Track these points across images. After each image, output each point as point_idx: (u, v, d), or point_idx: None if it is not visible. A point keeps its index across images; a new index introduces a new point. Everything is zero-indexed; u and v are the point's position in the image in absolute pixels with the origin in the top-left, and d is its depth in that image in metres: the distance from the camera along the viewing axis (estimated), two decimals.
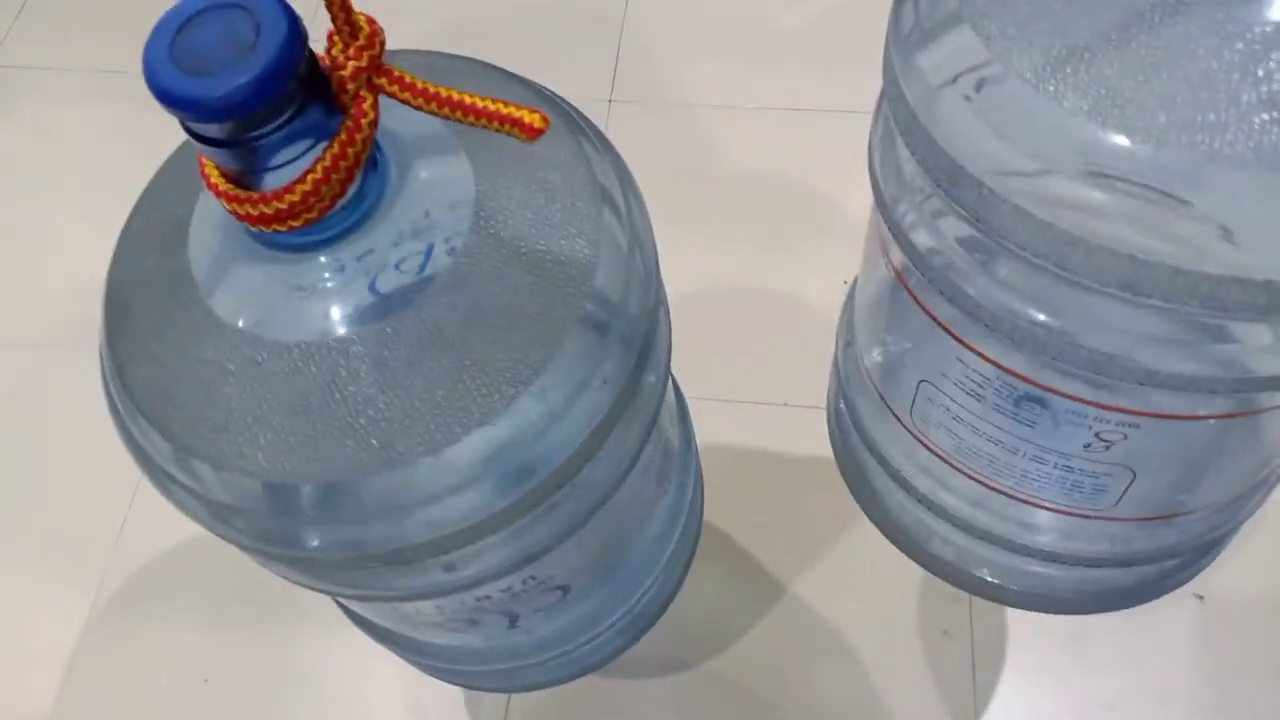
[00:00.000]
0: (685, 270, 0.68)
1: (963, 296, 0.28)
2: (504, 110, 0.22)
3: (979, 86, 0.24)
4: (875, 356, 0.39)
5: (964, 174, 0.25)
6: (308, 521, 0.25)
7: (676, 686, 0.53)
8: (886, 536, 0.46)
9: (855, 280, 0.40)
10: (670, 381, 0.39)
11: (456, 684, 0.53)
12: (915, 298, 0.31)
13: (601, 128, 0.74)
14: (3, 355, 0.66)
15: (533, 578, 0.32)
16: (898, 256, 0.31)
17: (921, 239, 0.29)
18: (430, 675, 0.53)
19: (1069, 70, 0.23)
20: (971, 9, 0.25)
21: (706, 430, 0.61)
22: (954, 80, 0.25)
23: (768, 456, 0.59)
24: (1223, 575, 0.56)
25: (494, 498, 0.25)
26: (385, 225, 0.24)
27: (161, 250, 0.26)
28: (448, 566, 0.28)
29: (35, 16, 0.83)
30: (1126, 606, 0.41)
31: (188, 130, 0.21)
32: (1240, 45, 0.22)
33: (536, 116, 0.22)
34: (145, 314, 0.27)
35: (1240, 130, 0.21)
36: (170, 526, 0.61)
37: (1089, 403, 0.29)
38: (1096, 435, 0.30)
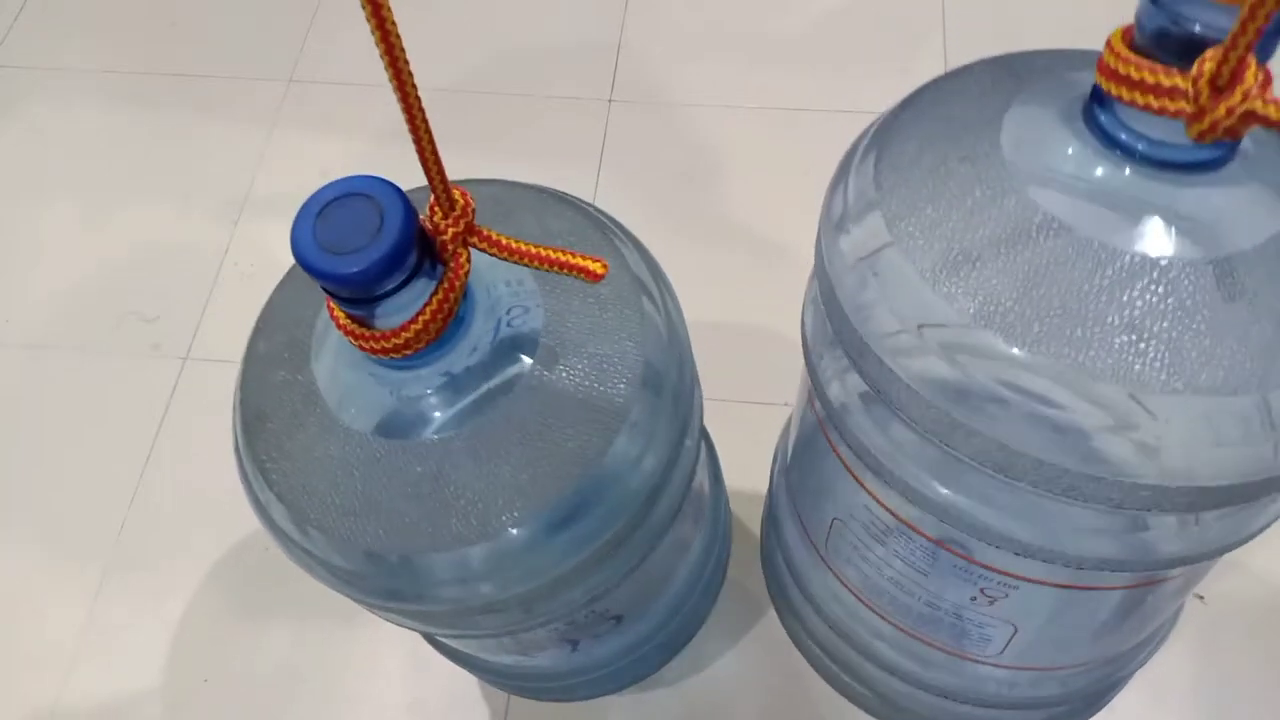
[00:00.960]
0: (685, 270, 0.68)
1: (865, 451, 0.31)
2: (573, 260, 0.28)
3: (881, 270, 0.28)
4: (799, 484, 0.42)
5: (867, 349, 0.28)
6: (419, 584, 0.31)
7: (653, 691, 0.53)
8: (799, 649, 0.50)
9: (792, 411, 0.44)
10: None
11: (524, 696, 0.53)
12: (830, 442, 0.34)
13: (601, 128, 0.74)
14: (1, 355, 0.66)
15: (593, 611, 0.38)
16: (818, 404, 0.34)
17: (835, 393, 0.32)
18: (504, 691, 0.53)
19: (960, 273, 0.26)
20: (884, 200, 0.28)
21: (709, 429, 0.61)
22: (864, 259, 0.28)
23: (761, 455, 0.59)
24: (1223, 575, 0.56)
25: (569, 557, 0.31)
26: (470, 339, 0.30)
27: (288, 365, 0.31)
28: (526, 610, 0.33)
29: (35, 16, 0.83)
30: None
31: (325, 290, 0.26)
32: (1110, 271, 0.25)
33: (599, 265, 0.28)
34: (278, 420, 0.31)
35: (1102, 348, 0.24)
36: (169, 527, 0.61)
37: (973, 561, 0.32)
38: (981, 590, 0.33)
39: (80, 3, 0.84)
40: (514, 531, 0.30)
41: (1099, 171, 0.26)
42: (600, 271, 0.28)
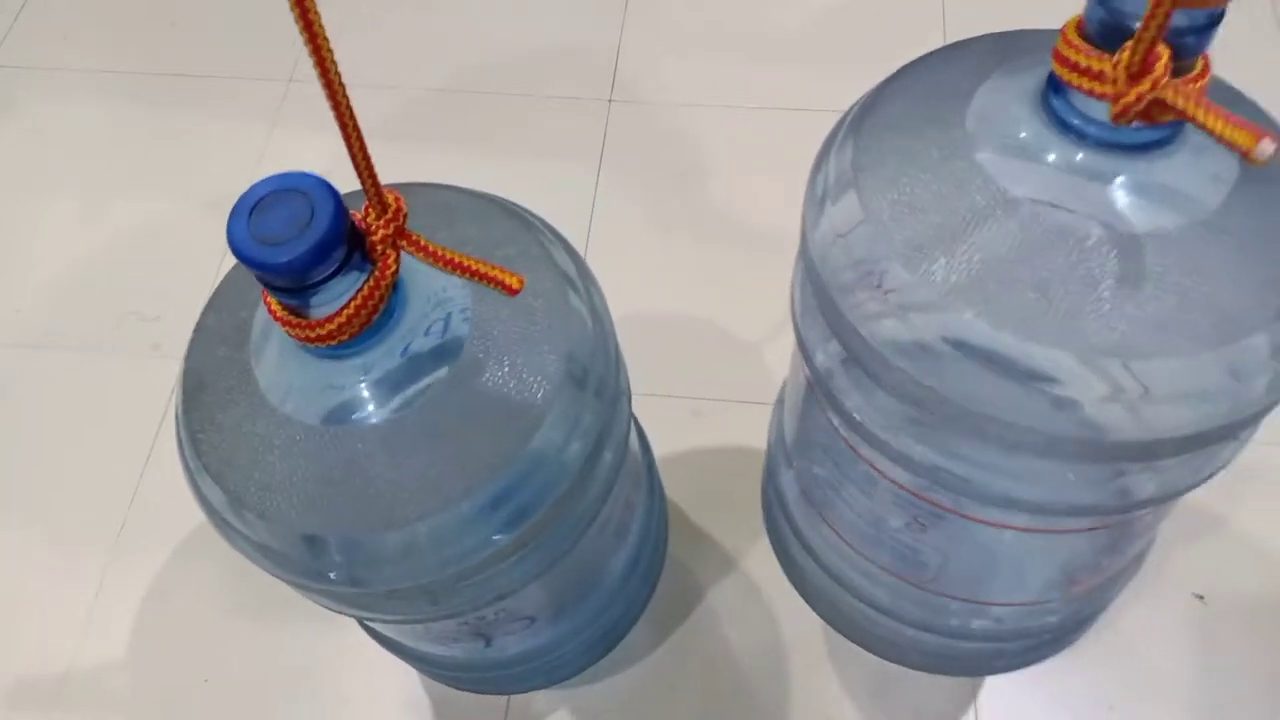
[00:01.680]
0: (684, 268, 0.68)
1: (845, 411, 0.33)
2: (492, 273, 0.30)
3: (852, 243, 0.30)
4: (789, 436, 0.45)
5: (844, 320, 0.30)
6: (327, 564, 0.32)
7: (674, 688, 0.53)
8: (799, 593, 0.52)
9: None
10: (637, 447, 0.46)
11: (450, 686, 0.53)
12: (818, 400, 0.37)
13: (601, 128, 0.74)
14: (1, 354, 0.66)
15: (503, 610, 0.39)
16: (806, 370, 0.37)
17: (820, 360, 0.34)
18: (428, 678, 0.53)
19: (916, 236, 0.28)
20: (860, 177, 0.30)
21: (703, 427, 0.61)
22: (843, 235, 0.30)
23: (760, 454, 0.59)
24: (1223, 575, 0.56)
25: (469, 555, 0.32)
26: (397, 336, 0.31)
27: (230, 344, 0.33)
28: (432, 601, 0.34)
29: (35, 16, 0.83)
30: (965, 674, 0.47)
31: (259, 279, 0.27)
32: (1047, 240, 0.27)
33: (514, 279, 0.30)
34: (214, 393, 0.33)
35: (1056, 313, 0.26)
36: (169, 528, 0.61)
37: (906, 489, 0.35)
38: (914, 517, 0.36)
39: (80, 3, 0.84)
40: (419, 523, 0.31)
41: (1047, 147, 0.28)
42: (516, 286, 0.30)
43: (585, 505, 0.36)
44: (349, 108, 0.27)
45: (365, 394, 0.31)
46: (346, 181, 0.30)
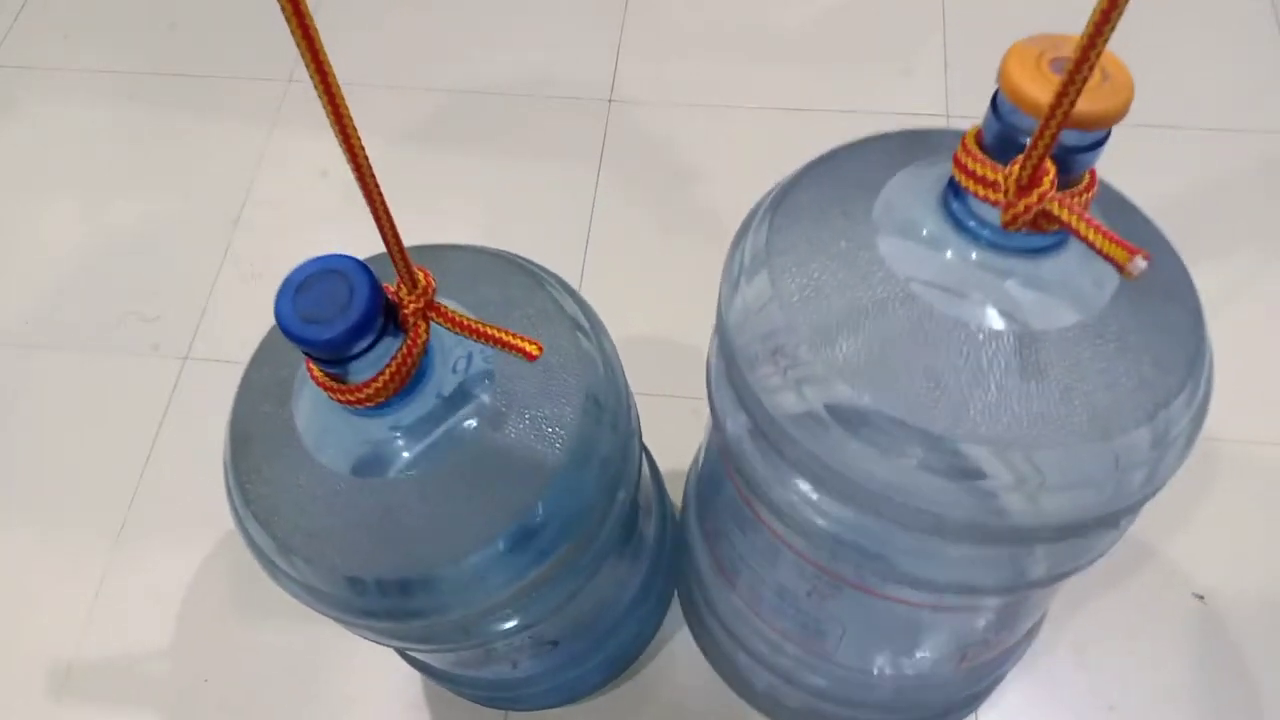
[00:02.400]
0: (683, 268, 0.68)
1: (751, 477, 0.35)
2: (514, 341, 0.32)
3: (762, 320, 0.31)
4: (703, 497, 0.47)
5: (750, 392, 0.32)
6: (367, 604, 0.35)
7: (656, 700, 0.53)
8: (706, 658, 0.53)
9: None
10: (648, 474, 0.48)
11: (473, 702, 0.54)
12: (727, 468, 0.39)
13: (601, 128, 0.74)
14: (1, 354, 0.66)
15: (529, 638, 0.42)
16: (717, 435, 0.39)
17: (729, 426, 0.36)
18: (457, 696, 0.54)
19: (821, 320, 0.30)
20: (773, 262, 0.32)
21: (703, 427, 0.61)
22: (754, 312, 0.32)
23: None
24: (1223, 575, 0.56)
25: (498, 590, 0.35)
26: (427, 391, 0.34)
27: (274, 400, 0.36)
28: (465, 632, 0.38)
29: (35, 16, 0.83)
30: None
31: (304, 352, 0.30)
32: (938, 333, 0.29)
33: (533, 346, 0.32)
34: (260, 445, 0.36)
35: (947, 400, 0.28)
36: (169, 528, 0.61)
37: (809, 560, 0.36)
38: (815, 587, 0.38)
39: (80, 3, 0.84)
40: (451, 564, 0.34)
41: (945, 245, 0.30)
42: (535, 353, 0.32)
43: (605, 537, 0.38)
44: (380, 195, 0.29)
45: (399, 446, 0.34)
46: (343, 180, 0.30)
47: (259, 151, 0.74)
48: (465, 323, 0.32)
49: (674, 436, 0.60)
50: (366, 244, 0.38)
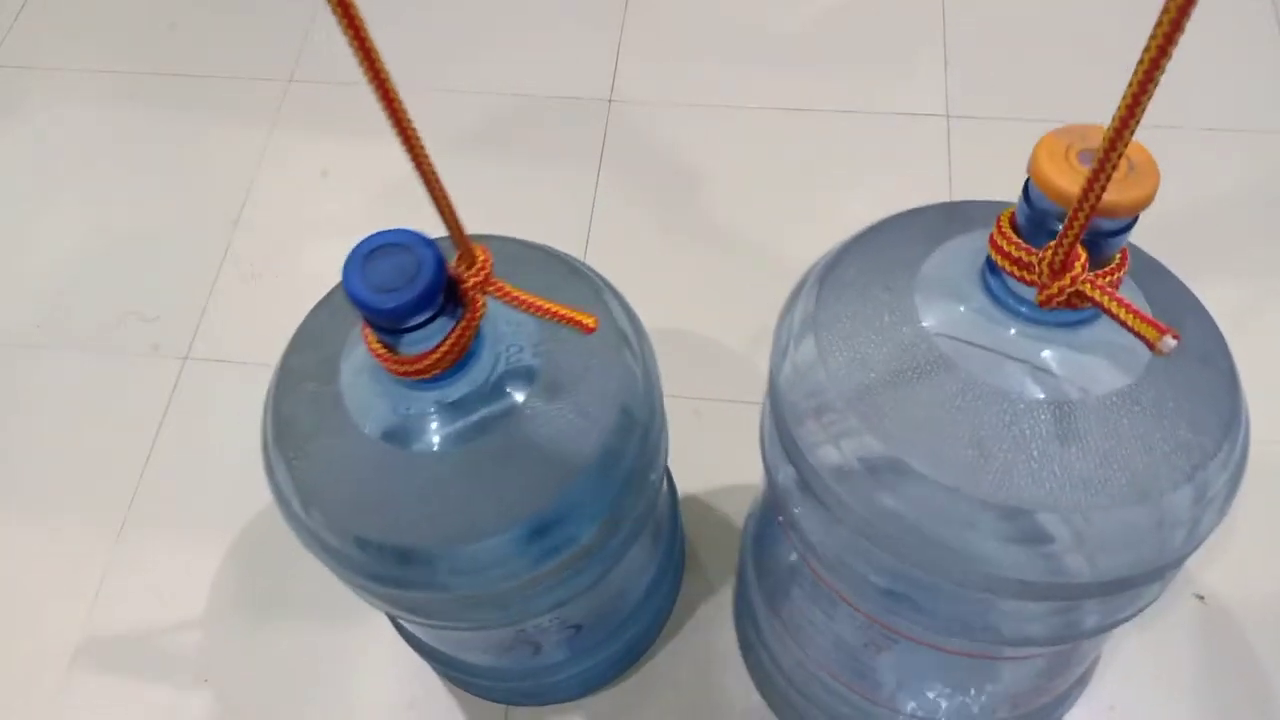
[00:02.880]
0: (683, 268, 0.68)
1: (798, 527, 0.37)
2: (570, 314, 0.33)
3: (808, 383, 0.33)
4: (758, 554, 0.49)
5: (796, 448, 0.34)
6: (371, 564, 0.36)
7: (652, 696, 0.53)
8: (767, 703, 0.53)
9: None
10: (666, 497, 0.49)
11: (491, 700, 0.54)
12: (777, 510, 0.40)
13: (601, 128, 0.74)
14: (1, 354, 0.66)
15: (557, 618, 0.43)
16: (767, 486, 0.41)
17: (780, 478, 0.37)
18: (471, 694, 0.54)
19: (865, 388, 0.32)
20: (820, 333, 0.34)
21: (704, 428, 0.61)
22: (802, 376, 0.34)
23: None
24: (1223, 575, 0.56)
25: (496, 583, 0.36)
26: (477, 370, 0.35)
27: (318, 380, 0.37)
28: (502, 607, 0.39)
29: (35, 16, 0.83)
30: None
31: (366, 319, 0.32)
32: (978, 403, 0.31)
33: (591, 319, 0.33)
34: (305, 424, 0.37)
35: (990, 467, 0.30)
36: (169, 528, 0.61)
37: (862, 613, 0.38)
38: (870, 639, 0.40)
39: (80, 3, 0.84)
40: (459, 544, 0.35)
41: (984, 320, 0.32)
42: (591, 325, 0.33)
43: (613, 545, 0.40)
44: (435, 175, 0.30)
45: (435, 423, 0.35)
46: (343, 180, 0.30)
47: (259, 151, 0.74)
48: (521, 297, 0.34)
49: (674, 437, 0.60)
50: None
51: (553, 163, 0.73)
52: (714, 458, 0.60)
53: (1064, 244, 0.28)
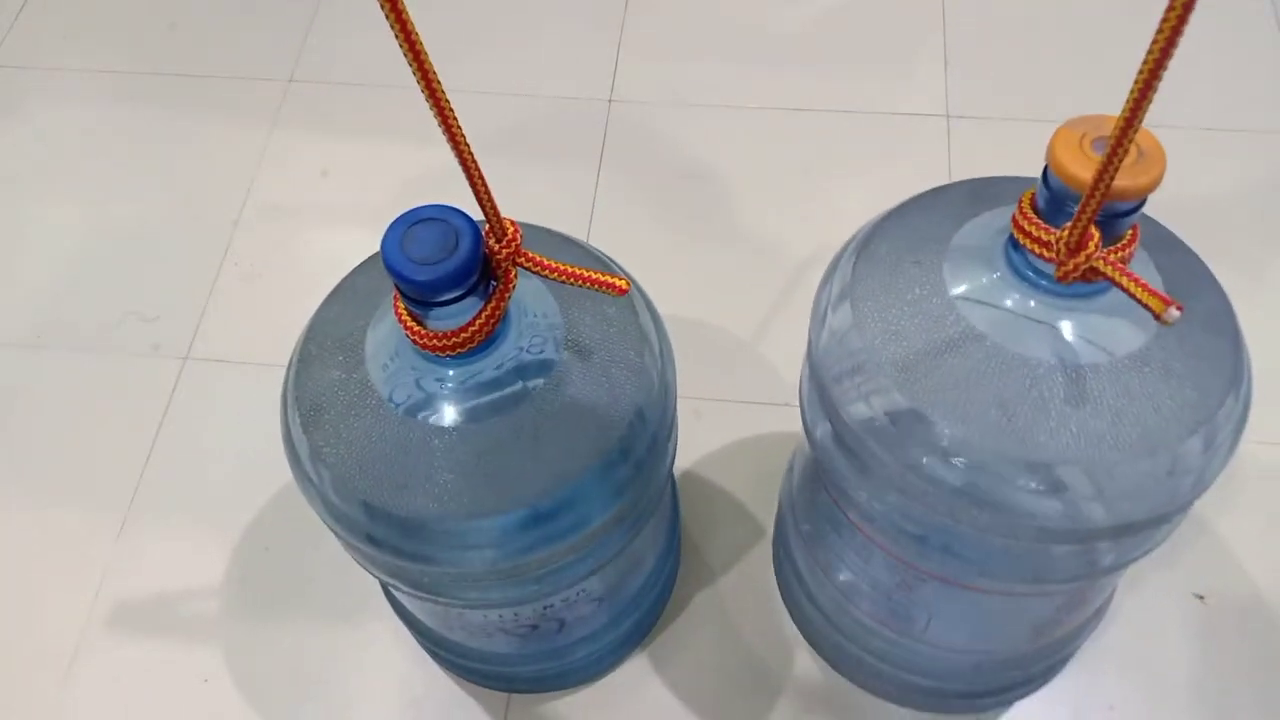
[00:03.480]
0: (684, 268, 0.68)
1: (835, 480, 0.40)
2: (602, 277, 0.35)
3: (846, 347, 0.36)
4: (798, 505, 0.51)
5: (836, 413, 0.37)
6: (374, 530, 0.37)
7: (653, 691, 0.54)
8: (806, 639, 0.55)
9: None
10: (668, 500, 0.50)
11: (498, 689, 0.54)
12: (818, 467, 0.43)
13: (601, 128, 0.74)
14: (1, 354, 0.66)
15: (583, 590, 0.44)
16: (808, 445, 0.43)
17: (819, 435, 0.40)
18: (478, 683, 0.54)
19: (897, 356, 0.35)
20: (856, 305, 0.37)
21: (704, 427, 0.61)
22: (839, 342, 0.37)
23: (761, 454, 0.59)
24: (1223, 575, 0.56)
25: (487, 563, 0.37)
26: (500, 353, 0.36)
27: (343, 366, 0.38)
28: (538, 580, 0.40)
29: (35, 16, 0.83)
30: (943, 711, 0.53)
31: (402, 291, 0.33)
32: (1004, 367, 0.34)
33: (624, 281, 0.35)
34: (335, 410, 0.37)
35: (1014, 426, 0.33)
36: (169, 528, 0.61)
37: (895, 556, 0.41)
38: (903, 580, 0.43)
39: (80, 3, 0.84)
40: (455, 520, 0.36)
41: (1007, 292, 0.34)
42: (625, 287, 0.35)
43: (648, 505, 0.42)
44: (469, 148, 0.31)
45: (453, 400, 0.36)
46: (343, 179, 0.31)
47: (259, 151, 0.74)
48: (552, 265, 0.35)
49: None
50: (365, 245, 0.38)
51: (553, 162, 0.73)
52: (715, 458, 0.60)
53: (1078, 226, 0.30)
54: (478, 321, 0.34)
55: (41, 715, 0.54)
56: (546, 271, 0.35)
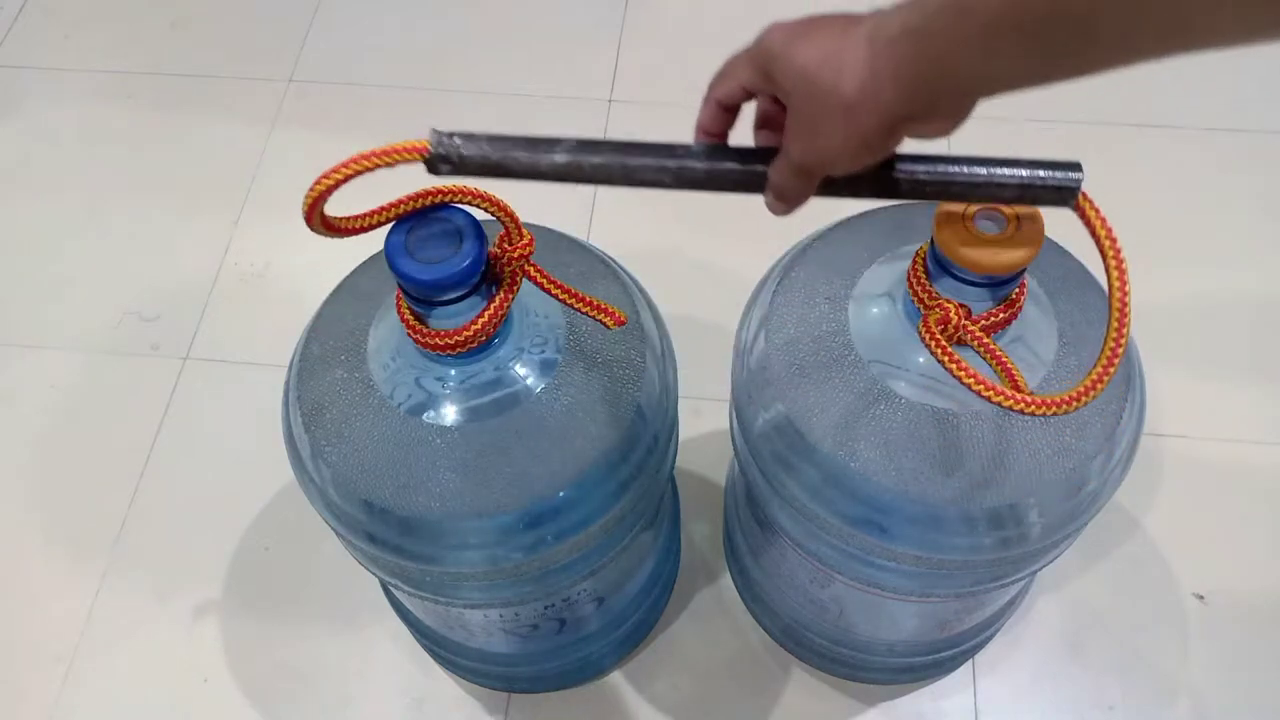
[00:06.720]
0: (684, 267, 0.68)
1: (752, 485, 0.43)
2: (599, 305, 0.36)
3: (762, 384, 0.39)
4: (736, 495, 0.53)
5: (747, 422, 0.40)
6: (373, 527, 0.37)
7: (653, 692, 0.54)
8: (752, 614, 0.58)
9: None
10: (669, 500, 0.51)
11: (498, 689, 0.54)
12: (743, 475, 0.45)
13: (601, 128, 0.74)
14: (1, 354, 0.66)
15: (583, 590, 0.45)
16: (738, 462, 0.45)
17: (741, 456, 0.43)
18: (478, 683, 0.54)
19: (801, 382, 0.38)
20: (769, 336, 0.39)
21: (704, 427, 0.61)
22: (754, 373, 0.40)
23: None
24: (1223, 575, 0.56)
25: (482, 564, 0.37)
26: (506, 349, 0.37)
27: (346, 366, 0.38)
28: (538, 579, 0.40)
29: (35, 16, 0.83)
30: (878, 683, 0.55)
31: (405, 289, 0.33)
32: (884, 405, 0.37)
33: (618, 314, 0.36)
34: (337, 409, 0.37)
35: (915, 479, 0.36)
36: (169, 527, 0.61)
37: (803, 554, 0.43)
38: (814, 578, 0.46)
39: (80, 3, 0.84)
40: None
41: (902, 338, 0.37)
42: (620, 320, 0.36)
43: (647, 506, 0.42)
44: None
45: (453, 399, 0.36)
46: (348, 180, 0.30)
47: (259, 151, 0.74)
48: (556, 282, 0.36)
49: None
50: (365, 246, 0.38)
51: None
52: (715, 458, 0.60)
53: (937, 346, 0.34)
54: (480, 321, 0.34)
55: (41, 715, 0.54)
56: (549, 286, 0.35)
